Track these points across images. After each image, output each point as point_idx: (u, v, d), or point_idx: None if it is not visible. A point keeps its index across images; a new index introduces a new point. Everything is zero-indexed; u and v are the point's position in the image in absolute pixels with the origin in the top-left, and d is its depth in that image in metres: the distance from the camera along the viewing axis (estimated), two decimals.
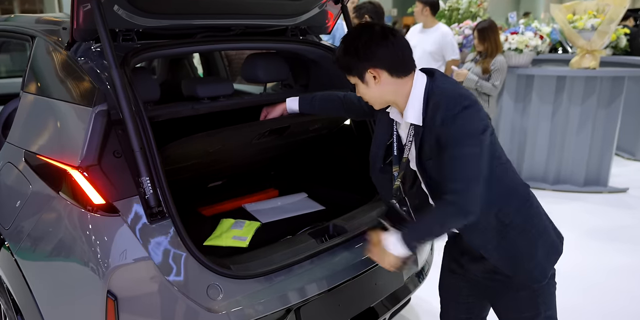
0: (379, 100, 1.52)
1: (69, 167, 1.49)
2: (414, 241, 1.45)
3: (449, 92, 1.41)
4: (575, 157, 4.59)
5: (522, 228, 1.49)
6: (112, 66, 1.49)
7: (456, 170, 1.37)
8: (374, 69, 1.43)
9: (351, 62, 1.46)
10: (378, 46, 1.41)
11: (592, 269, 3.18)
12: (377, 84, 1.46)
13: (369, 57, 1.42)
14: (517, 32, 4.46)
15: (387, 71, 1.43)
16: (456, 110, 1.35)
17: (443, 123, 1.37)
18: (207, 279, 1.52)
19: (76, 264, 1.45)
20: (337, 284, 1.75)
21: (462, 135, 1.35)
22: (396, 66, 1.44)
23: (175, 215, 1.52)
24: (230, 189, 2.61)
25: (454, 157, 1.36)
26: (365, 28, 1.46)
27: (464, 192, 1.36)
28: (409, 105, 1.46)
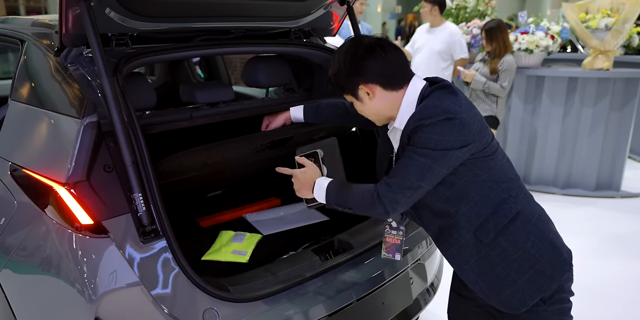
0: (377, 116, 1.46)
1: (55, 184, 1.39)
2: (332, 201, 1.46)
3: (433, 104, 1.33)
4: (586, 161, 4.47)
5: (503, 249, 1.37)
6: (103, 74, 1.39)
7: (398, 169, 1.33)
8: (366, 85, 1.38)
9: (342, 80, 1.41)
10: (365, 60, 1.36)
11: (603, 278, 3.06)
12: (372, 100, 1.40)
13: (359, 72, 1.37)
14: (527, 31, 4.33)
15: (379, 85, 1.38)
16: (431, 120, 1.28)
17: (412, 129, 1.31)
18: (203, 303, 1.42)
19: (62, 289, 1.35)
20: (344, 306, 1.65)
21: (423, 142, 1.29)
22: (388, 79, 1.38)
23: (169, 233, 1.42)
24: (231, 198, 2.51)
25: (404, 158, 1.33)
26: (352, 43, 1.40)
27: (388, 191, 1.33)
28: (400, 110, 1.40)
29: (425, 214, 1.45)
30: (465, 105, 1.34)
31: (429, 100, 1.34)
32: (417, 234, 1.99)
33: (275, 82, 2.35)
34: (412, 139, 1.31)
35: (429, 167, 1.29)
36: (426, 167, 1.29)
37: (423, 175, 1.29)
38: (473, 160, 1.34)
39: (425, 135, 1.28)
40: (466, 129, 1.29)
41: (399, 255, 1.66)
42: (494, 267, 1.38)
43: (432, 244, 2.07)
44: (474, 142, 1.31)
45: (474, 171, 1.35)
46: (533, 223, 1.40)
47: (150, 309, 1.35)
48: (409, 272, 1.91)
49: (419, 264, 1.97)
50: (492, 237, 1.36)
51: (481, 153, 1.34)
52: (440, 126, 1.27)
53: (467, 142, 1.29)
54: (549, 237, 1.42)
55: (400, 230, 1.64)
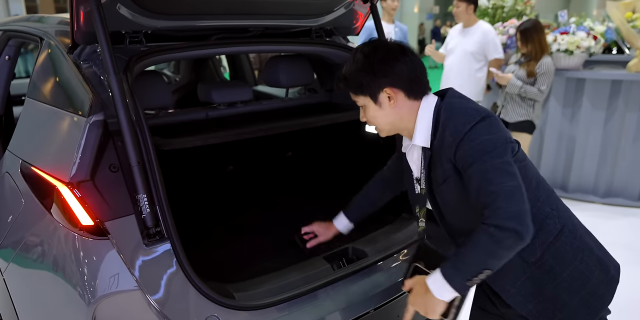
0: (389, 125, 1.36)
1: (59, 183, 1.37)
2: (463, 280, 1.19)
3: (458, 108, 1.27)
4: (630, 168, 4.21)
5: (551, 268, 1.26)
6: (110, 72, 1.36)
7: (487, 189, 1.16)
8: (391, 88, 1.30)
9: (365, 79, 1.30)
10: (397, 62, 1.28)
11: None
12: (392, 106, 1.32)
13: (387, 74, 1.28)
14: (568, 32, 4.12)
15: (404, 91, 1.30)
16: (469, 125, 1.21)
17: (454, 140, 1.21)
18: (205, 309, 1.36)
19: (62, 289, 1.33)
20: (355, 317, 1.57)
21: (480, 149, 1.18)
22: (414, 86, 1.30)
23: (174, 236, 1.37)
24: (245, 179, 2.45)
25: (480, 176, 1.17)
26: (381, 43, 1.33)
27: (502, 214, 1.13)
28: (417, 126, 1.32)
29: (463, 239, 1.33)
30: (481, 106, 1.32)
31: (451, 110, 1.27)
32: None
33: (296, 82, 2.29)
34: (464, 152, 1.20)
35: (507, 163, 1.18)
36: (505, 165, 1.18)
37: (510, 173, 1.17)
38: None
39: (476, 142, 1.19)
40: (502, 126, 1.25)
41: None
42: (542, 288, 1.27)
43: None
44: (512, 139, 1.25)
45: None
46: (578, 237, 1.31)
47: (149, 315, 1.31)
48: None
49: None
50: (538, 255, 1.26)
51: (514, 157, 1.26)
52: (482, 126, 1.20)
53: (510, 138, 1.23)
54: (595, 253, 1.32)
55: None
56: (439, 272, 1.22)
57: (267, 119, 2.02)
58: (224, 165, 2.65)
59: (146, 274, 1.32)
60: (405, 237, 1.85)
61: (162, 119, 1.96)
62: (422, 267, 1.39)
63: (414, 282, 1.31)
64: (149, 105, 1.78)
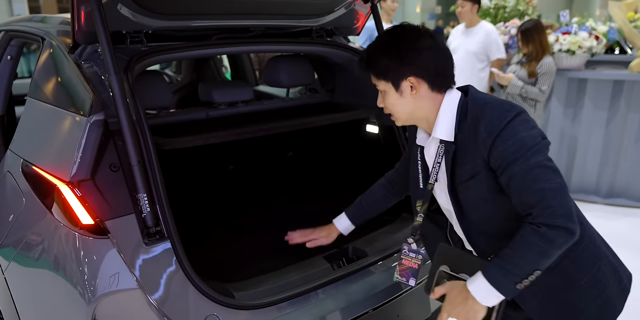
0: (406, 115, 1.31)
1: (59, 182, 1.37)
2: (513, 283, 1.12)
3: (491, 102, 1.22)
4: (632, 169, 4.20)
5: (569, 275, 1.23)
6: (111, 71, 1.36)
7: (533, 188, 1.11)
8: (416, 78, 1.24)
9: (390, 65, 1.24)
10: (426, 51, 1.22)
11: None
12: (413, 97, 1.26)
13: (414, 61, 1.22)
14: (569, 32, 4.11)
15: (427, 83, 1.25)
16: (505, 120, 1.15)
17: (489, 135, 1.16)
18: (205, 308, 1.37)
19: (62, 287, 1.33)
20: (355, 317, 1.57)
21: (522, 146, 1.14)
22: (439, 78, 1.25)
23: (174, 235, 1.38)
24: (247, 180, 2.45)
25: (524, 174, 1.12)
26: (412, 29, 1.26)
27: (552, 212, 1.09)
28: (439, 119, 1.27)
29: (483, 240, 1.30)
30: None
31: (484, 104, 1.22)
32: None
33: (297, 82, 2.30)
34: (503, 149, 1.15)
35: (549, 160, 1.15)
36: (549, 162, 1.14)
37: (554, 170, 1.14)
38: None
39: (516, 138, 1.14)
40: (535, 122, 1.21)
41: (413, 280, 1.49)
42: (558, 294, 1.24)
43: None
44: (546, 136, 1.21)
45: None
46: (597, 245, 1.28)
47: (149, 314, 1.31)
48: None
49: None
50: (557, 261, 1.19)
51: None
52: (519, 121, 1.16)
53: (544, 134, 1.19)
54: (611, 261, 1.29)
55: (420, 254, 1.48)
56: (482, 276, 1.15)
57: (268, 119, 2.03)
58: (224, 165, 2.66)
59: (146, 273, 1.32)
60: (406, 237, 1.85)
61: (163, 119, 1.97)
62: (449, 272, 1.32)
63: (446, 288, 1.25)
64: (150, 105, 1.79)
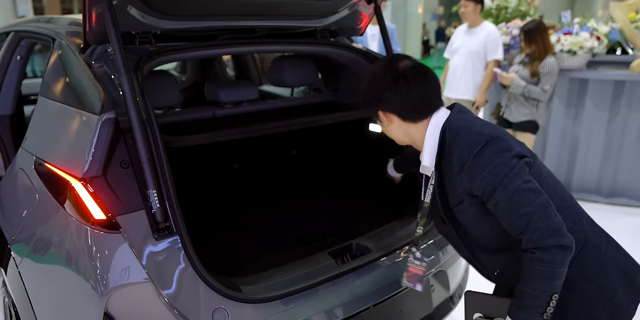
0: (396, 139, 1.44)
1: (72, 178, 1.41)
2: (539, 315, 1.15)
3: (463, 132, 1.24)
4: (633, 168, 4.22)
5: (577, 285, 1.23)
6: (122, 71, 1.40)
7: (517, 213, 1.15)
8: (383, 112, 1.36)
9: (365, 97, 1.39)
10: (385, 90, 1.32)
11: None
12: (390, 126, 1.38)
13: (378, 99, 1.35)
14: (571, 32, 4.14)
15: (397, 116, 1.34)
16: (474, 152, 1.19)
17: (461, 168, 1.21)
18: (213, 302, 1.40)
19: (74, 281, 1.37)
20: (358, 311, 1.60)
21: (497, 174, 1.16)
22: (407, 112, 1.33)
23: (183, 231, 1.41)
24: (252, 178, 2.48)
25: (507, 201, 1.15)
26: (384, 66, 1.34)
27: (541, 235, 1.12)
28: (425, 146, 1.35)
29: (485, 256, 1.35)
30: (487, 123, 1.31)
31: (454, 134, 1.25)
32: (439, 240, 1.92)
33: (302, 82, 2.33)
34: (480, 181, 1.18)
35: (528, 181, 1.17)
36: (527, 183, 1.16)
37: (535, 190, 1.16)
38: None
39: (489, 168, 1.17)
40: (510, 142, 1.23)
41: (420, 286, 1.57)
42: (568, 305, 1.24)
43: None
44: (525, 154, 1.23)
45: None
46: (603, 251, 1.29)
47: (159, 306, 1.35)
48: (429, 279, 1.84)
49: (441, 271, 1.90)
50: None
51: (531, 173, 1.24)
52: (489, 151, 1.18)
53: (521, 152, 1.22)
54: (621, 264, 1.30)
55: (424, 262, 1.57)
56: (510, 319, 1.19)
57: (273, 118, 2.06)
58: (230, 163, 2.70)
59: (156, 267, 1.36)
60: (408, 234, 1.88)
61: (170, 118, 2.00)
62: (483, 319, 1.33)
63: None
64: (158, 104, 1.83)
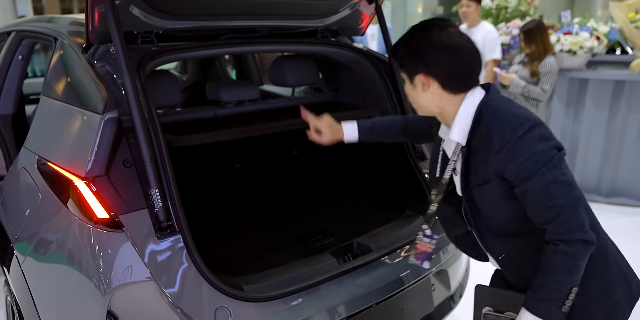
0: (422, 108, 1.33)
1: (75, 178, 1.42)
2: (558, 309, 1.14)
3: (506, 113, 1.19)
4: (633, 168, 4.22)
5: (585, 282, 1.21)
6: (124, 71, 1.41)
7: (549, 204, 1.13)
8: (426, 77, 1.24)
9: (407, 58, 1.25)
10: (441, 53, 1.21)
11: None
12: (425, 93, 1.26)
13: (426, 62, 1.22)
14: (571, 32, 4.14)
15: (439, 83, 1.24)
16: (518, 134, 1.14)
17: (501, 148, 1.16)
18: (216, 301, 1.41)
19: (78, 280, 1.38)
20: (360, 310, 1.61)
21: (537, 162, 1.13)
22: (452, 81, 1.23)
23: (186, 230, 1.42)
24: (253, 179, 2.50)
25: (541, 190, 1.13)
26: (438, 27, 1.23)
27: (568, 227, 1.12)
28: (456, 121, 1.26)
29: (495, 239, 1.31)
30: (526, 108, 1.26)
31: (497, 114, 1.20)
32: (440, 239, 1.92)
33: (303, 82, 2.34)
34: (518, 165, 1.14)
35: (565, 174, 1.14)
36: (565, 176, 1.14)
37: (570, 184, 1.15)
38: None
39: (530, 154, 1.13)
40: (551, 133, 1.19)
41: (428, 263, 1.52)
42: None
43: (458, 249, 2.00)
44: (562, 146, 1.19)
45: None
46: (610, 252, 1.29)
47: (162, 305, 1.35)
48: (430, 278, 1.84)
49: (442, 270, 1.90)
50: None
51: None
52: (532, 136, 1.14)
53: (561, 145, 1.18)
54: (623, 269, 1.31)
55: (434, 239, 1.49)
56: (527, 312, 1.17)
57: (275, 118, 2.07)
58: (231, 163, 2.70)
59: (159, 266, 1.37)
60: (410, 233, 1.89)
61: (172, 117, 2.01)
62: (494, 313, 1.33)
63: None
64: (159, 103, 1.83)
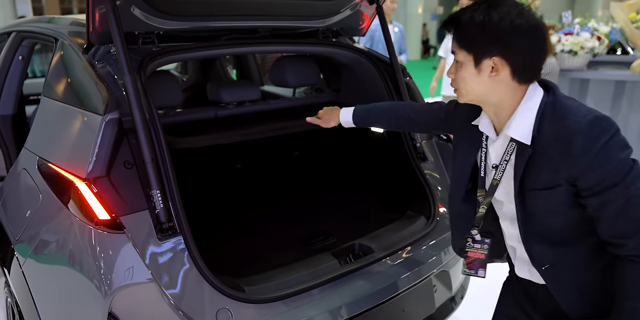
0: (475, 95, 1.18)
1: (76, 179, 1.41)
2: None
3: (586, 115, 1.08)
4: None
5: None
6: (125, 71, 1.40)
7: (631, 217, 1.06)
8: (501, 60, 1.11)
9: (479, 37, 1.11)
10: (523, 36, 1.09)
11: None
12: (491, 78, 1.14)
13: (504, 44, 1.09)
14: (572, 32, 4.14)
15: (511, 69, 1.12)
16: (604, 139, 1.04)
17: (586, 153, 1.05)
18: (217, 302, 1.41)
19: (78, 282, 1.37)
20: (361, 311, 1.60)
21: (621, 171, 1.05)
22: (526, 68, 1.13)
23: (187, 231, 1.42)
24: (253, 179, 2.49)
25: (623, 201, 1.06)
26: (520, 8, 1.12)
27: None
28: (516, 116, 1.15)
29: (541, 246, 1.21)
30: None
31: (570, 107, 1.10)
32: (442, 240, 1.92)
33: (303, 82, 2.33)
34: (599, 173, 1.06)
35: None
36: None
37: None
38: None
39: (614, 161, 1.05)
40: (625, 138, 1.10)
41: (482, 271, 1.39)
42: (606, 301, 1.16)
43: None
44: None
45: None
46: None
47: (163, 306, 1.35)
48: (432, 279, 1.84)
49: (443, 271, 1.90)
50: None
51: None
52: (616, 141, 1.05)
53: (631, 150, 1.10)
54: None
55: (485, 244, 1.36)
56: None
57: (275, 118, 2.06)
58: (231, 164, 2.70)
59: (160, 267, 1.36)
60: (411, 234, 1.89)
61: (173, 118, 2.01)
62: None
63: None
64: (160, 104, 1.83)
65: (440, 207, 2.01)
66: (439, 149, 2.20)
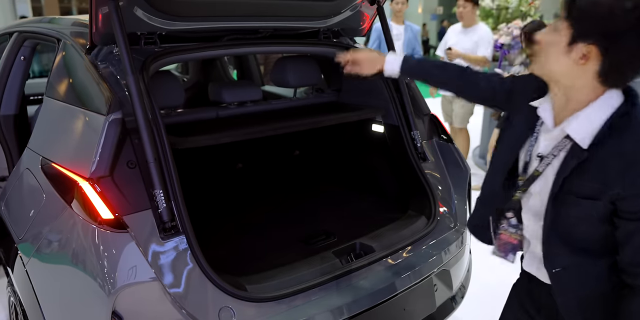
0: (549, 71, 1.09)
1: (80, 178, 1.42)
2: None
3: None
4: None
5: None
6: (128, 72, 1.42)
7: None
8: (597, 51, 1.00)
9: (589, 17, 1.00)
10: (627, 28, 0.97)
11: None
12: (575, 65, 1.03)
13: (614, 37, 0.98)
14: None
15: (600, 66, 1.01)
16: None
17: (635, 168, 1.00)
18: (219, 301, 1.42)
19: (82, 281, 1.38)
20: (362, 310, 1.61)
21: None
22: (615, 71, 1.02)
23: (189, 230, 1.43)
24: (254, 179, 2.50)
25: None
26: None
27: None
28: (583, 113, 1.06)
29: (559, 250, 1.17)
30: None
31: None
32: (442, 239, 1.93)
33: (304, 82, 2.34)
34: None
35: None
36: None
37: None
38: None
39: None
40: None
41: (512, 256, 1.33)
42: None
43: (459, 249, 2.01)
44: None
45: None
46: None
47: (166, 305, 1.36)
48: (432, 278, 1.85)
49: (443, 270, 1.91)
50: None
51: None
52: None
53: None
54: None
55: (520, 229, 1.29)
56: None
57: (277, 118, 2.07)
58: (233, 163, 2.71)
59: (163, 266, 1.37)
60: (412, 233, 1.90)
61: (174, 118, 2.02)
62: None
63: None
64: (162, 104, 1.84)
65: (440, 206, 2.02)
66: (439, 149, 2.21)
